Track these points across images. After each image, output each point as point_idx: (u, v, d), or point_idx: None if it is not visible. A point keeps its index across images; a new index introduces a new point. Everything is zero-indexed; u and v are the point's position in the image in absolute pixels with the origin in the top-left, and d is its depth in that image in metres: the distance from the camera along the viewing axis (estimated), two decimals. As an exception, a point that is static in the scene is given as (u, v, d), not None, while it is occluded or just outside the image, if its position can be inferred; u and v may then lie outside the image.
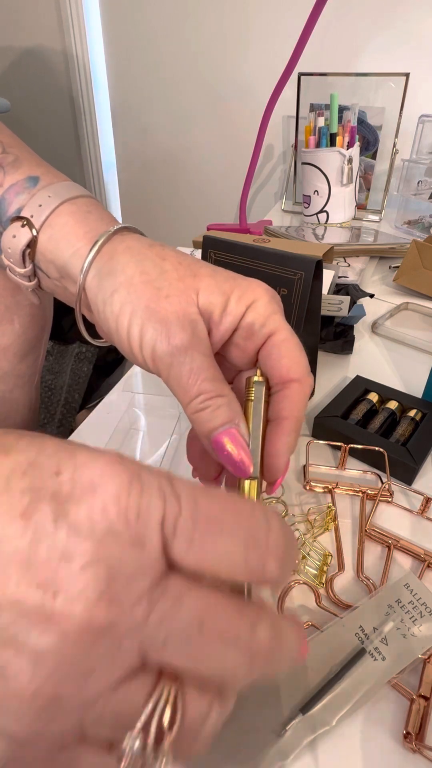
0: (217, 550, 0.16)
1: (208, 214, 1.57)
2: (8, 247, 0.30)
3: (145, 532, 0.15)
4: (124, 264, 0.27)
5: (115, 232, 0.28)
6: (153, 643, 0.15)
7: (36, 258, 0.30)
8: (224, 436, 0.24)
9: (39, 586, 0.14)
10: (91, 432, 0.47)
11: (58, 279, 0.30)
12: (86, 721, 0.15)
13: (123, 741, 0.15)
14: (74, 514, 0.15)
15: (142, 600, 0.15)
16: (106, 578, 0.15)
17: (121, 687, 0.15)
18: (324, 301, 0.58)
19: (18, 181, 0.31)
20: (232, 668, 0.16)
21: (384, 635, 0.30)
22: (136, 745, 0.15)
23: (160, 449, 0.45)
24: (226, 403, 0.24)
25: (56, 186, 0.30)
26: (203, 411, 0.24)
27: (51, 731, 0.15)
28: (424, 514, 0.39)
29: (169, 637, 0.15)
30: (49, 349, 1.19)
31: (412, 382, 0.55)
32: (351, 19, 1.13)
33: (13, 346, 0.45)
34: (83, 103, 1.57)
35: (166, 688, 0.16)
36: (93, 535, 0.15)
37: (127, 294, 0.26)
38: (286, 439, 0.25)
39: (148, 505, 0.16)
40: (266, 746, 0.26)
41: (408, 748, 0.26)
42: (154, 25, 1.37)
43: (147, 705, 0.15)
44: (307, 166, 1.01)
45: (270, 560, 0.17)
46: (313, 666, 0.28)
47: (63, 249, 0.29)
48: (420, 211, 1.03)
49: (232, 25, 1.28)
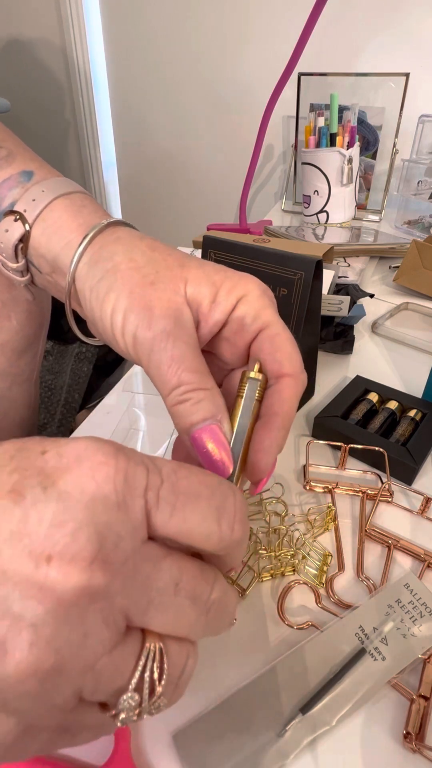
0: (196, 518, 0.17)
1: (208, 214, 1.57)
2: (0, 242, 0.30)
3: (132, 497, 0.16)
4: (113, 252, 0.26)
5: (107, 225, 0.28)
6: (138, 604, 0.16)
7: (28, 253, 0.30)
8: (204, 432, 0.22)
9: (31, 555, 0.15)
10: (91, 432, 0.47)
11: (49, 273, 0.30)
12: (85, 686, 0.15)
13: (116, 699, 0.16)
14: (62, 483, 0.16)
15: (128, 562, 0.16)
16: (97, 540, 0.15)
17: (115, 649, 0.16)
18: (324, 301, 0.58)
19: (11, 175, 0.31)
20: (195, 624, 0.18)
21: (384, 635, 0.30)
22: (132, 702, 0.16)
23: (160, 449, 0.44)
24: (208, 397, 0.23)
25: (50, 181, 0.30)
26: (183, 404, 0.23)
27: (54, 701, 0.15)
28: (424, 514, 0.39)
29: (151, 598, 0.16)
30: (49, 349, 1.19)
31: (412, 382, 0.55)
32: (351, 19, 1.13)
33: (10, 343, 0.45)
34: (83, 103, 1.57)
35: (152, 645, 0.17)
36: (81, 500, 0.15)
37: (113, 280, 0.25)
38: (275, 434, 0.24)
39: (134, 472, 0.17)
40: (266, 746, 0.26)
41: (408, 748, 0.26)
42: (154, 25, 1.37)
43: (138, 664, 0.16)
44: (307, 166, 1.01)
45: (236, 524, 0.18)
46: (313, 666, 0.28)
47: (55, 242, 0.28)
48: (420, 211, 1.03)
49: (232, 25, 1.28)
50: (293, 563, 0.34)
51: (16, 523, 0.15)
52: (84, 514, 0.15)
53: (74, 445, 0.17)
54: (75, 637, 0.15)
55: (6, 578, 0.14)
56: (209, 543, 0.18)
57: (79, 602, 0.15)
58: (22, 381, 0.49)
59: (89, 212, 0.29)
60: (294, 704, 0.27)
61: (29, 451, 0.17)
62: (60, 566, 0.14)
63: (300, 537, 0.36)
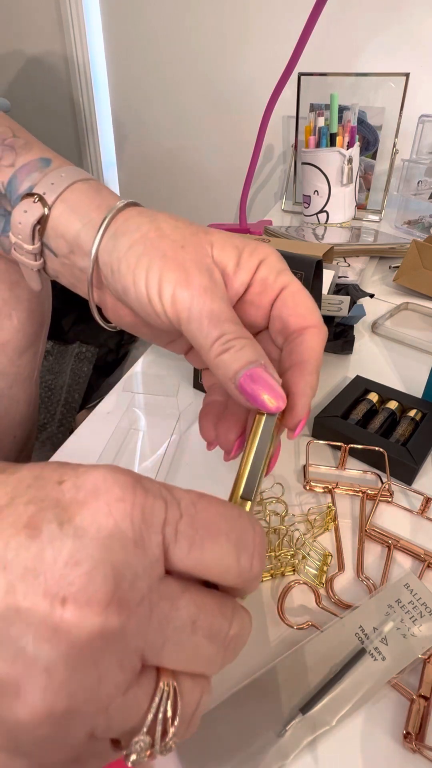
0: (215, 553, 0.17)
1: (208, 214, 1.57)
2: (18, 222, 0.30)
3: (149, 533, 0.16)
4: (138, 224, 0.27)
5: (127, 204, 0.29)
6: (154, 644, 0.15)
7: (46, 234, 0.30)
8: (253, 373, 0.23)
9: (46, 595, 0.14)
10: (91, 432, 0.47)
11: (66, 255, 0.30)
12: (98, 726, 0.15)
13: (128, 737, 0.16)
14: (79, 519, 0.15)
15: (144, 602, 0.15)
16: (113, 580, 0.15)
17: (129, 691, 0.15)
18: (324, 301, 0.58)
19: (30, 161, 0.31)
20: (213, 660, 0.17)
21: (384, 635, 0.30)
22: (143, 744, 0.16)
23: (160, 449, 0.44)
24: (249, 344, 0.24)
25: (68, 168, 0.31)
26: (227, 352, 0.24)
27: (66, 741, 0.15)
28: (424, 514, 0.39)
29: (167, 638, 0.16)
30: (49, 349, 1.19)
31: (412, 382, 0.55)
32: (351, 19, 1.13)
33: (11, 342, 0.45)
34: (83, 103, 1.57)
35: (165, 685, 0.16)
36: (98, 537, 0.15)
37: (144, 247, 0.26)
38: (307, 378, 0.25)
39: (152, 506, 0.16)
40: (266, 746, 0.25)
41: (408, 748, 0.26)
42: (154, 25, 1.37)
43: (152, 704, 0.16)
44: (307, 166, 1.01)
45: (255, 560, 0.18)
46: (313, 666, 0.28)
47: (76, 220, 0.29)
48: (420, 211, 1.03)
49: (232, 25, 1.28)
50: (293, 563, 0.34)
51: (32, 560, 0.14)
52: (100, 553, 0.15)
53: (92, 475, 0.16)
54: (89, 681, 0.14)
55: (20, 618, 0.14)
56: (227, 578, 0.17)
57: (94, 646, 0.14)
58: (23, 380, 0.49)
59: (107, 194, 0.30)
60: (294, 704, 0.27)
61: (46, 480, 0.16)
62: (75, 609, 0.14)
63: (300, 537, 0.36)
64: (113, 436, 0.45)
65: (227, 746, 0.25)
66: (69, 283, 0.32)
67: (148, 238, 0.26)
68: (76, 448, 0.45)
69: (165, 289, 0.25)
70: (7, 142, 0.32)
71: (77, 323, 1.18)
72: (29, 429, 0.54)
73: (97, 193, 0.30)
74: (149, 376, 0.54)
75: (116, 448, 0.45)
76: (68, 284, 0.32)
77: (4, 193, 0.31)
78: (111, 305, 0.31)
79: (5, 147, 0.32)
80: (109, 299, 0.31)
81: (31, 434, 0.56)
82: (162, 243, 0.26)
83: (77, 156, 1.68)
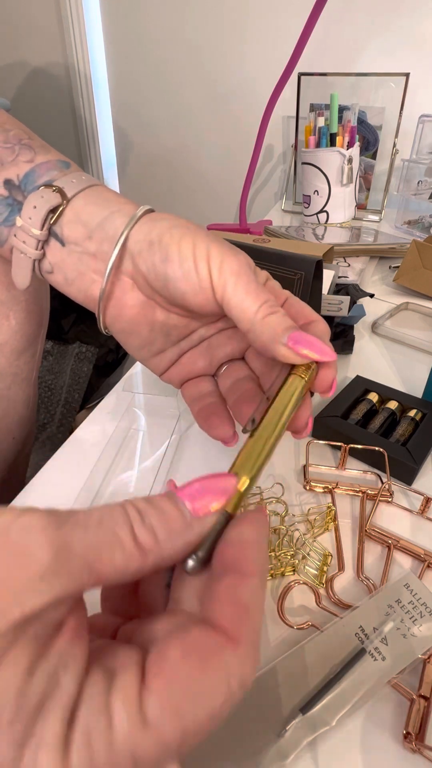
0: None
1: (208, 214, 1.57)
2: (33, 206, 0.30)
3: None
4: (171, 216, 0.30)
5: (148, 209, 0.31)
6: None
7: (59, 222, 0.30)
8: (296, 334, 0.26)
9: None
10: (91, 432, 0.47)
11: (79, 241, 0.30)
12: None
13: None
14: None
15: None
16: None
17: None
18: (324, 301, 0.58)
19: (51, 160, 0.32)
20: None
21: (384, 635, 0.30)
22: None
23: (160, 449, 0.44)
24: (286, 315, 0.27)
25: (86, 174, 0.32)
26: (275, 314, 0.26)
27: None
28: (424, 514, 0.39)
29: None
30: (49, 349, 1.19)
31: (412, 382, 0.55)
32: (351, 19, 1.13)
33: (9, 343, 0.45)
34: (83, 103, 1.57)
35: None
36: None
37: (186, 230, 0.28)
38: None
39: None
40: (266, 746, 0.25)
41: (408, 748, 0.26)
42: (154, 26, 1.37)
43: None
44: (307, 166, 1.01)
45: None
46: (313, 666, 0.28)
47: (103, 209, 0.30)
48: (420, 211, 1.03)
49: (232, 25, 1.28)
50: (293, 563, 0.34)
51: None
52: None
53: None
54: None
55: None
56: None
57: None
58: (21, 380, 0.49)
59: (127, 199, 0.32)
60: (294, 704, 0.27)
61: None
62: None
63: (300, 537, 0.36)
64: (113, 436, 0.45)
65: (227, 746, 0.25)
66: (66, 278, 0.31)
67: (187, 225, 0.29)
68: (76, 448, 0.45)
69: (214, 256, 0.27)
70: (24, 141, 0.32)
71: (77, 323, 1.18)
72: (28, 429, 0.54)
73: (119, 194, 0.31)
74: (149, 376, 0.54)
75: (116, 448, 0.45)
76: (63, 281, 0.31)
77: (17, 184, 0.31)
78: (118, 296, 0.31)
79: (23, 146, 0.32)
80: (116, 290, 0.30)
81: (30, 435, 0.56)
82: (198, 230, 0.28)
83: (77, 156, 1.68)
